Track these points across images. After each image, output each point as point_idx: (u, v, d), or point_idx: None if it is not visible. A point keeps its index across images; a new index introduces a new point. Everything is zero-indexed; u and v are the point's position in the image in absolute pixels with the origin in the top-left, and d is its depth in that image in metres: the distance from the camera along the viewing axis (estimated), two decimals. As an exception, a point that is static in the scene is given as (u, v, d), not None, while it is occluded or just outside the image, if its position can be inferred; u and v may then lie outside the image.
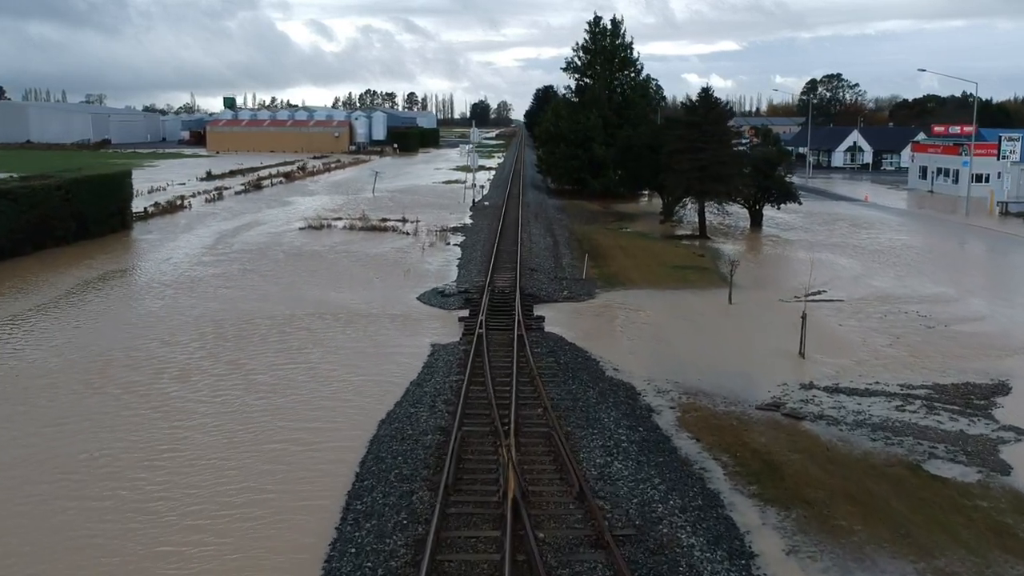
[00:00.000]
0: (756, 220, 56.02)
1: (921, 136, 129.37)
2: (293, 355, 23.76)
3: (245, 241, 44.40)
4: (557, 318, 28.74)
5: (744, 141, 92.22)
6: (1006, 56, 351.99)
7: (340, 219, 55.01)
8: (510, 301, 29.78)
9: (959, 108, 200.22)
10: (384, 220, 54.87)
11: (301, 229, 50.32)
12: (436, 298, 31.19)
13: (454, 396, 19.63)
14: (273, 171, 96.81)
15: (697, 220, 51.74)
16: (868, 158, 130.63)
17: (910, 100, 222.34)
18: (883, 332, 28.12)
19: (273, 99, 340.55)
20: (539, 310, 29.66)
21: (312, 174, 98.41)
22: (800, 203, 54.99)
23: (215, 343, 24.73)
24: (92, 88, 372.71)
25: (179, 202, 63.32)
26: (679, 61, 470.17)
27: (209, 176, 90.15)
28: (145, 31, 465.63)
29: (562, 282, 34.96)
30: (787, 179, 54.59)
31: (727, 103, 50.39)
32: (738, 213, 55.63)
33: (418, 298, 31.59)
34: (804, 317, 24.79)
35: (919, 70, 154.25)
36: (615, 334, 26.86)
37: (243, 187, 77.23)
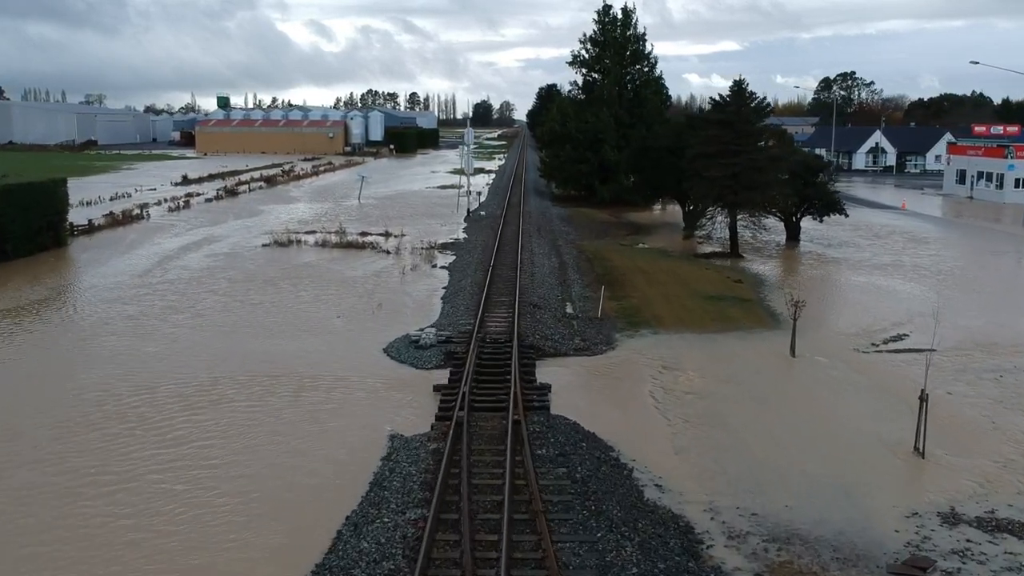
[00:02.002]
0: (793, 233, 48.58)
1: (948, 136, 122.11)
2: (177, 458, 16.34)
3: (189, 264, 36.95)
4: (568, 384, 21.31)
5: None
6: (1007, 56, 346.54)
7: (313, 233, 47.63)
8: (505, 358, 22.38)
9: (976, 107, 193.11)
10: (364, 234, 47.49)
11: (264, 246, 42.93)
12: (409, 351, 23.75)
13: (407, 560, 12.19)
14: (256, 175, 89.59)
15: (726, 234, 44.30)
16: (891, 160, 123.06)
17: (926, 100, 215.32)
18: (1013, 405, 20.66)
19: (274, 99, 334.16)
20: (544, 370, 22.23)
21: (297, 178, 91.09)
22: (846, 215, 47.47)
23: (80, 435, 17.31)
24: (92, 88, 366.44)
25: (138, 211, 56.07)
26: (679, 61, 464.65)
27: (185, 180, 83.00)
28: (144, 31, 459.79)
29: (572, 324, 27.50)
30: (831, 186, 47.09)
31: (763, 98, 42.91)
32: (769, 225, 48.14)
33: (386, 349, 24.16)
34: (924, 399, 17.30)
35: (971, 62, 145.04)
36: (649, 414, 19.40)
37: (216, 194, 69.89)
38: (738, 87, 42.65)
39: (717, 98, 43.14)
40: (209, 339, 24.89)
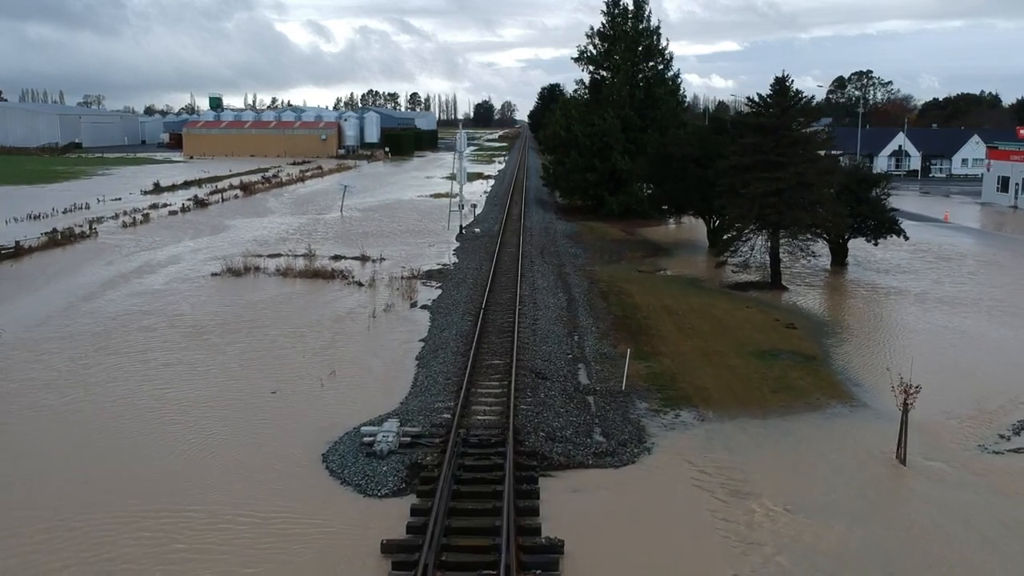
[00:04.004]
0: (839, 256, 41.41)
1: (976, 138, 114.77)
2: None
3: (105, 307, 29.61)
4: (589, 534, 14.07)
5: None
6: (1007, 56, 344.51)
7: (278, 256, 40.60)
8: (494, 478, 15.26)
9: (992, 107, 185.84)
10: (336, 258, 40.43)
11: (214, 276, 35.85)
12: (358, 462, 16.55)
13: None
14: (235, 181, 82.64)
15: (756, 256, 36.64)
16: (915, 163, 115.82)
17: (940, 99, 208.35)
18: None
19: (274, 99, 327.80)
20: (552, 500, 15.08)
21: (280, 185, 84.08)
22: (906, 237, 40.19)
23: None
24: (93, 89, 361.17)
25: (84, 229, 48.97)
26: (678, 61, 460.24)
27: (156, 188, 75.96)
28: (143, 32, 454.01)
29: (587, 402, 20.35)
30: (887, 203, 39.93)
31: (812, 97, 35.75)
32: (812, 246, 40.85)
33: (326, 457, 16.98)
34: None
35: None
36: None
37: (183, 205, 62.74)
38: (780, 85, 35.41)
39: (756, 99, 35.91)
40: (76, 442, 17.62)
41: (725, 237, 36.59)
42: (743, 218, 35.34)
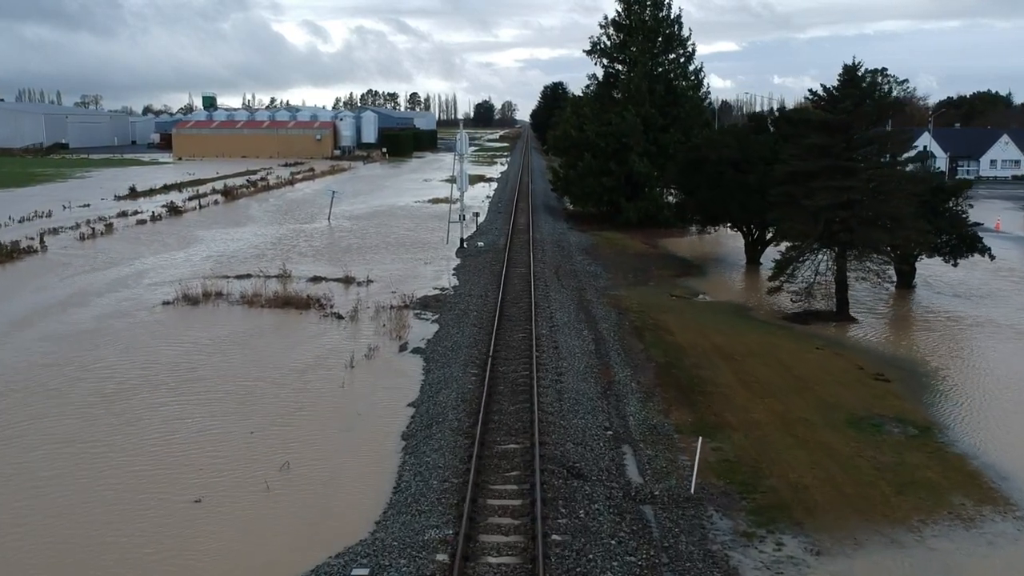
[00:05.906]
0: (905, 278, 35.14)
1: (1005, 138, 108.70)
2: None
3: (1, 358, 23.44)
4: None
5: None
6: (1005, 56, 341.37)
7: (247, 277, 34.49)
8: None
9: (1007, 107, 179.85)
10: (316, 280, 34.30)
11: (165, 305, 29.69)
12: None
13: None
14: (219, 185, 76.41)
15: (814, 278, 30.27)
16: (941, 165, 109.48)
17: (954, 97, 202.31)
18: None
19: (272, 99, 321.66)
20: None
21: (267, 188, 77.89)
22: (992, 257, 33.86)
23: None
24: (92, 89, 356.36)
25: (36, 241, 42.81)
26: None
27: (131, 193, 69.72)
28: (141, 32, 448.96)
29: (645, 519, 14.09)
30: (967, 217, 33.69)
31: (889, 88, 29.59)
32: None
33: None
34: None
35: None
36: None
37: (154, 213, 56.43)
38: (850, 76, 29.15)
39: (820, 92, 29.63)
40: None
41: (781, 257, 30.24)
42: (804, 235, 29.09)
